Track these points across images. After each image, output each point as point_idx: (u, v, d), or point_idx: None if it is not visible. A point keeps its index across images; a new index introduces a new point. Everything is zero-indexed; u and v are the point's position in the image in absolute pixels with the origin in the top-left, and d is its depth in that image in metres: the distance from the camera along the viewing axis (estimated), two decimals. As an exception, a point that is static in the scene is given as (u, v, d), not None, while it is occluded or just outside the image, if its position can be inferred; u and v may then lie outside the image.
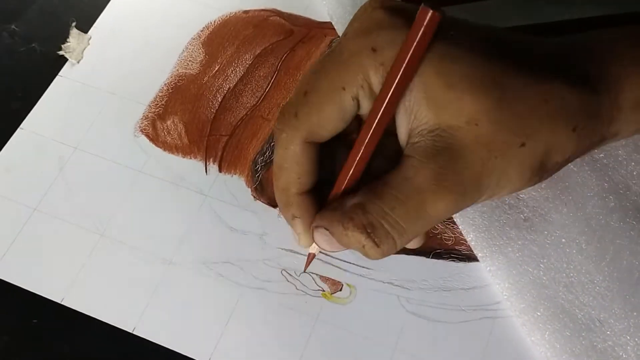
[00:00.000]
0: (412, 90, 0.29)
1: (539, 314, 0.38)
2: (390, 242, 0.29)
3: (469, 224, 0.41)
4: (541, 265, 0.39)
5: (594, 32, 0.33)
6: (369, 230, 0.29)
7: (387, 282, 0.41)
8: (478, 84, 0.28)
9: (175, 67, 0.48)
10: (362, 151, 0.31)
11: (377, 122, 0.30)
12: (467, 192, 0.29)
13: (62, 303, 0.40)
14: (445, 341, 0.39)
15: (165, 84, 0.47)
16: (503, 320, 0.40)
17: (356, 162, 0.31)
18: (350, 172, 0.31)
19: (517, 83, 0.29)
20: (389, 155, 0.32)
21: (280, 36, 0.48)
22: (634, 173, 0.41)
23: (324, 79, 0.30)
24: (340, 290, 0.40)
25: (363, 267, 0.41)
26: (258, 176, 0.44)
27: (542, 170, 0.30)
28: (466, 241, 0.41)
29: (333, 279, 0.41)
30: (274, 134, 0.33)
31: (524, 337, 0.39)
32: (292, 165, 0.32)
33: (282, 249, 0.42)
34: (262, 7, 0.50)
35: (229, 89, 0.47)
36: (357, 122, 0.32)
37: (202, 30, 0.49)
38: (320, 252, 0.36)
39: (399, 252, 0.40)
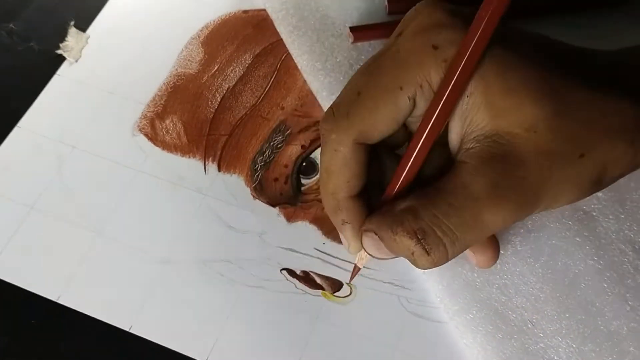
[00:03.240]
0: (470, 94, 0.28)
1: (471, 316, 0.38)
2: (441, 250, 0.28)
3: None
4: (475, 267, 0.39)
5: None
6: (419, 236, 0.28)
7: (387, 282, 0.40)
8: (539, 90, 0.28)
9: (174, 67, 0.48)
10: (417, 152, 0.30)
11: (435, 121, 0.29)
12: (526, 202, 0.28)
13: (58, 301, 0.40)
14: (445, 341, 0.39)
15: (164, 83, 0.47)
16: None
17: (410, 164, 0.30)
18: (404, 174, 0.30)
19: (576, 94, 0.28)
20: (437, 164, 0.31)
21: (279, 36, 0.48)
22: None
23: (379, 78, 0.30)
24: (340, 289, 0.40)
25: (364, 266, 0.41)
26: (257, 175, 0.44)
27: (598, 183, 0.29)
28: None
29: (333, 278, 0.40)
30: (322, 135, 0.32)
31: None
32: (342, 169, 0.31)
33: (282, 247, 0.41)
34: (262, 7, 0.50)
35: (228, 88, 0.47)
36: (404, 128, 0.32)
37: (201, 30, 0.49)
38: (365, 265, 0.36)
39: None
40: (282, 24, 0.48)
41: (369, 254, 0.32)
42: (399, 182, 0.31)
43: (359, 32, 0.45)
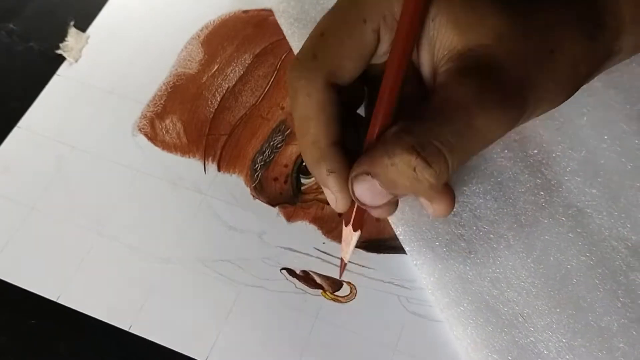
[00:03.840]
0: (435, 17, 0.29)
1: (462, 308, 0.38)
2: (442, 161, 0.28)
3: (397, 217, 0.40)
4: (468, 260, 0.39)
5: None
6: (418, 150, 0.27)
7: (387, 282, 0.40)
8: (498, 1, 0.29)
9: (174, 67, 0.48)
10: (392, 83, 0.29)
11: (407, 38, 0.29)
12: (512, 103, 0.29)
13: (58, 301, 0.40)
14: (446, 341, 0.39)
15: (164, 83, 0.47)
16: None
17: (388, 94, 0.29)
18: (385, 106, 0.30)
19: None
20: (413, 103, 0.31)
21: (279, 36, 0.48)
22: (568, 169, 0.41)
23: (342, 15, 0.30)
24: (340, 288, 0.40)
25: (363, 266, 0.41)
26: (257, 175, 0.44)
27: (574, 80, 0.30)
28: None
29: (333, 278, 0.40)
30: (289, 85, 0.31)
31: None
32: (319, 113, 0.30)
33: (281, 247, 0.41)
34: (262, 7, 0.50)
35: (228, 88, 0.47)
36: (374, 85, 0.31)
37: (201, 30, 0.49)
38: (358, 263, 0.35)
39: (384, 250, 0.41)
40: (282, 16, 0.48)
41: (362, 204, 0.31)
42: (380, 117, 0.30)
43: None
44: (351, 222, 0.34)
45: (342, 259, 0.37)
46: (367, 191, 0.30)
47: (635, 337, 0.37)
